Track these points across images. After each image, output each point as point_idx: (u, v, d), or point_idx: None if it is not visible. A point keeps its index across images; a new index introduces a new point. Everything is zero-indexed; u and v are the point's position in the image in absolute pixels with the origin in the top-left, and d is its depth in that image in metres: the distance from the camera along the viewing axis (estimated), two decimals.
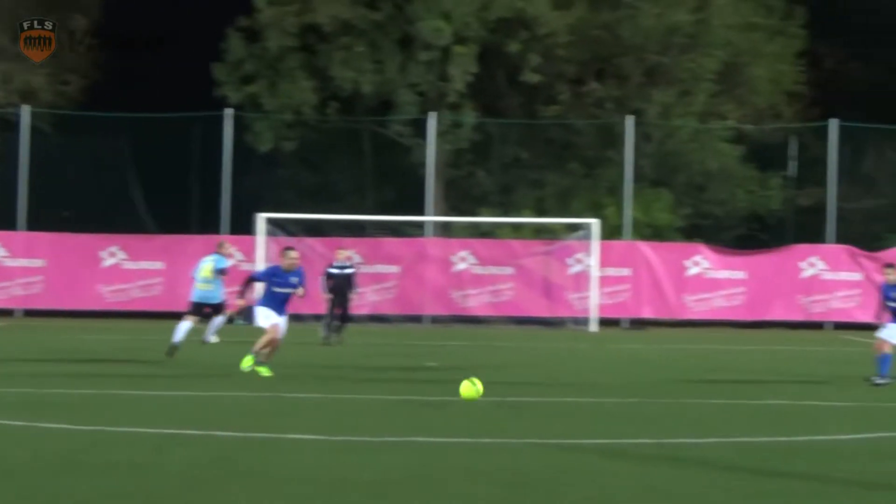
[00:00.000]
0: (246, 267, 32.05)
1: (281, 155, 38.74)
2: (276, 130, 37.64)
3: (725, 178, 38.60)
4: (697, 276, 34.62)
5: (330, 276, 26.19)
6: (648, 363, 23.12)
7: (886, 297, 19.58)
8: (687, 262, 34.67)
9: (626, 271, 34.41)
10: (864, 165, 39.12)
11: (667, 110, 38.04)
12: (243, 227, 33.84)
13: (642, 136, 36.83)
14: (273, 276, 17.70)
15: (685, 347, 27.82)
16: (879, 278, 34.24)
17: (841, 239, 35.48)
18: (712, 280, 34.62)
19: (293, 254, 17.77)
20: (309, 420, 13.32)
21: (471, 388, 13.27)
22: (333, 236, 33.37)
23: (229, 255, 21.93)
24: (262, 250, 32.48)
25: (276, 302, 17.59)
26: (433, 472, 10.09)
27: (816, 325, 34.66)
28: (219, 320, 21.28)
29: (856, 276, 34.62)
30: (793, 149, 40.57)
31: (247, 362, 17.61)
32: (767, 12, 40.29)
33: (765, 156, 39.37)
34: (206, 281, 21.02)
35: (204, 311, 21.15)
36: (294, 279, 17.71)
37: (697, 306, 34.62)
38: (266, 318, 17.55)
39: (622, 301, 34.46)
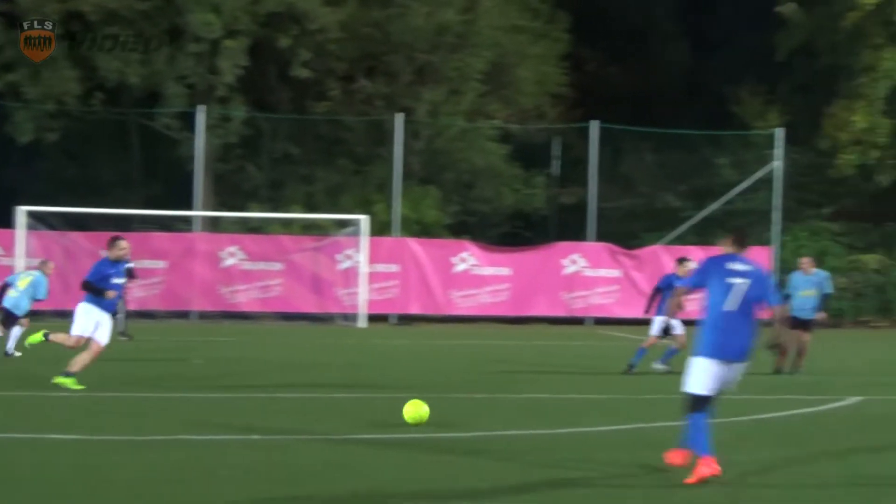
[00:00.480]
0: (6, 262, 31.09)
1: (43, 146, 37.48)
2: (37, 121, 36.36)
3: (492, 177, 39.41)
4: (464, 273, 35.21)
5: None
6: (416, 359, 23.43)
7: (656, 289, 20.57)
8: (454, 259, 35.22)
9: (394, 267, 34.71)
10: (622, 166, 40.52)
11: (435, 109, 38.57)
12: (2, 220, 32.61)
13: (411, 134, 37.22)
14: (108, 269, 16.42)
15: (452, 343, 28.28)
16: (637, 275, 35.85)
17: (601, 237, 36.66)
18: (478, 276, 35.27)
19: (124, 243, 16.89)
20: (71, 419, 13.01)
21: (417, 412, 12.86)
22: (98, 231, 32.55)
23: (49, 274, 21.42)
24: (22, 245, 31.37)
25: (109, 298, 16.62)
26: (201, 469, 10.03)
27: (577, 321, 35.71)
28: (17, 331, 20.58)
29: (615, 273, 35.87)
30: (556, 149, 41.70)
31: (63, 380, 15.93)
32: (533, 16, 41.35)
33: (529, 155, 40.36)
34: (20, 291, 20.61)
35: (10, 319, 20.55)
36: (123, 269, 16.98)
37: (464, 302, 35.22)
38: (79, 325, 16.13)
39: (391, 297, 34.74)
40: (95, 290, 16.02)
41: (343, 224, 34.90)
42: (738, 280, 10.03)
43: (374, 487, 9.44)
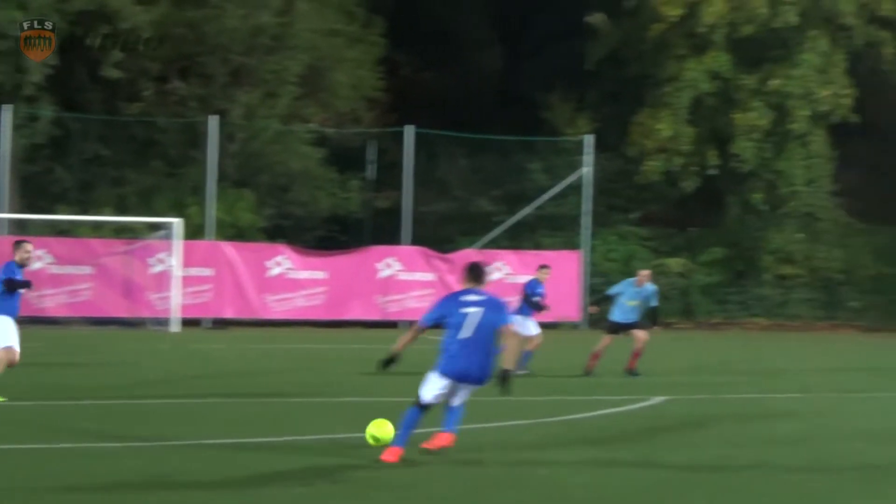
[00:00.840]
0: None
1: None
2: None
3: (307, 180, 39.29)
4: (279, 277, 35.06)
5: None
6: (230, 363, 23.28)
7: (533, 293, 21.59)
8: (269, 263, 35.05)
9: (208, 271, 34.34)
10: (437, 170, 40.95)
11: (251, 111, 38.28)
12: None
13: (226, 136, 36.87)
14: (12, 273, 15.65)
15: (267, 347, 28.17)
16: (451, 279, 36.36)
17: (416, 241, 36.96)
18: (294, 280, 35.17)
19: (30, 246, 16.19)
20: None
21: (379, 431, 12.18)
22: None
23: None
24: None
25: (13, 304, 15.81)
26: (14, 481, 9.84)
27: (392, 324, 35.94)
28: None
29: (429, 277, 36.24)
30: (371, 153, 41.85)
31: None
32: (349, 19, 41.42)
33: (345, 159, 40.40)
34: None
35: None
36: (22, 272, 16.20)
37: (279, 306, 35.08)
38: (2, 337, 15.49)
39: (204, 301, 34.36)
40: (19, 285, 15.44)
41: (155, 227, 34.36)
42: (471, 310, 11.02)
43: (185, 494, 9.42)
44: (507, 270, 36.54)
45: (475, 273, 11.43)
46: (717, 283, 41.69)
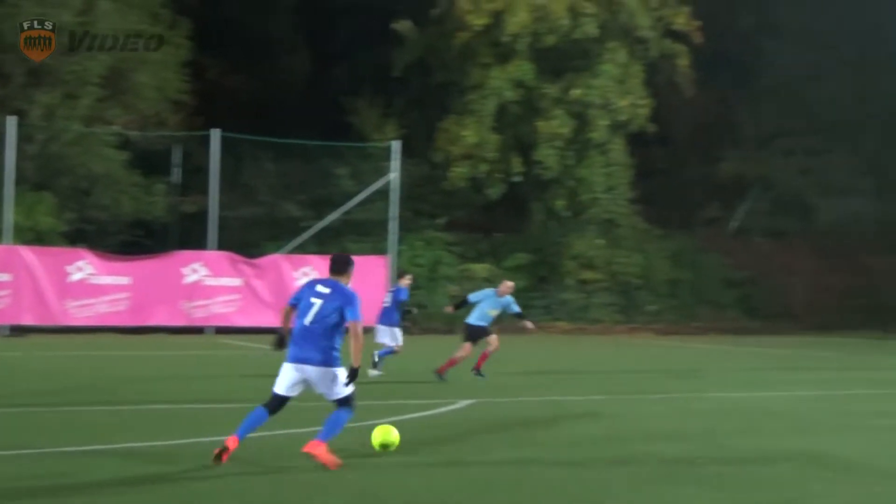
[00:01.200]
0: None
1: None
2: None
3: (110, 184, 38.47)
4: (81, 282, 34.27)
5: None
6: (30, 371, 22.68)
7: (402, 301, 22.70)
8: (70, 268, 34.22)
9: (5, 276, 33.32)
10: (244, 175, 40.65)
11: (51, 112, 37.29)
12: None
13: (24, 138, 35.82)
14: None
15: (68, 354, 27.50)
16: (258, 284, 36.16)
17: (223, 246, 36.61)
18: (96, 286, 34.42)
19: None
20: None
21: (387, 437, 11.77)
22: None
23: None
24: None
25: None
26: None
27: (198, 330, 35.54)
28: None
29: (236, 282, 35.97)
30: (177, 156, 41.26)
31: None
32: (153, 21, 40.71)
33: (149, 162, 39.71)
34: None
35: None
36: None
37: (80, 312, 34.26)
38: None
39: (1, 308, 33.34)
40: None
41: None
42: (316, 299, 11.41)
43: None
44: (314, 276, 36.50)
45: (336, 264, 11.80)
46: (522, 288, 42.27)
